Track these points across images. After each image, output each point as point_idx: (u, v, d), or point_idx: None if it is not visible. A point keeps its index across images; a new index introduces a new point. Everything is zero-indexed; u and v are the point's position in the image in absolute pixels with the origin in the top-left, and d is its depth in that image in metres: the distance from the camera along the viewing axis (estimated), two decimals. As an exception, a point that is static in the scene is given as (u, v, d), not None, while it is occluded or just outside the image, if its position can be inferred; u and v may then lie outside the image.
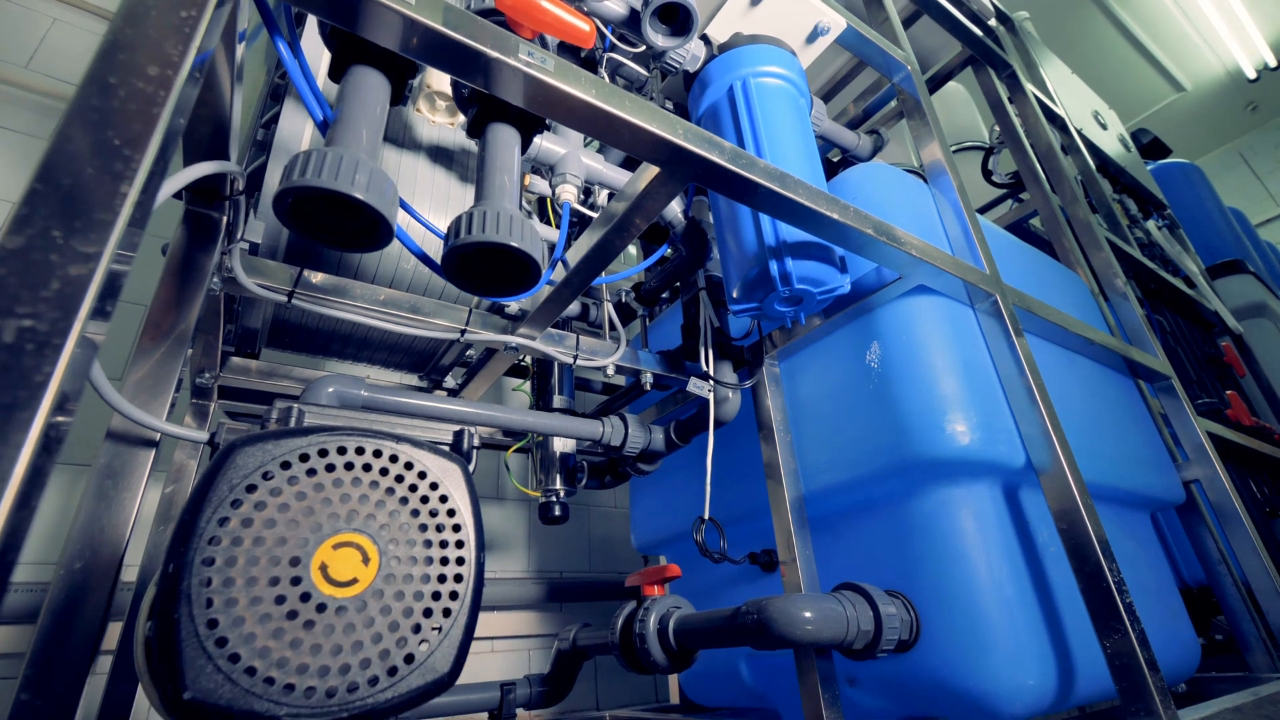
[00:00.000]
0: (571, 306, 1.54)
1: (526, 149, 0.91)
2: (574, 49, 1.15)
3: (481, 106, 0.86)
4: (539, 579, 2.31)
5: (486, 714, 1.22)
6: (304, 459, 0.57)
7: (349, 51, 0.76)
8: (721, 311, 1.38)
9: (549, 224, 1.39)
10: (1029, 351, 1.11)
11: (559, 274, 1.05)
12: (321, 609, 0.53)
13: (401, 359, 1.45)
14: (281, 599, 0.51)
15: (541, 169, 1.25)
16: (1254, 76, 5.99)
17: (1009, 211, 2.19)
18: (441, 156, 1.19)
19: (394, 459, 0.61)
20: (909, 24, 2.10)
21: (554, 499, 1.52)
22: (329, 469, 0.58)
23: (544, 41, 1.01)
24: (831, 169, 2.18)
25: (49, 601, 0.61)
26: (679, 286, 1.54)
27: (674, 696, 2.39)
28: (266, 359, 1.44)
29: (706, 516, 1.20)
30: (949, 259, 1.10)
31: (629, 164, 1.46)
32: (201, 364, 1.24)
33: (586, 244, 0.98)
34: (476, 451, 0.80)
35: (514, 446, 1.77)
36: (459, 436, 0.78)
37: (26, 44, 2.12)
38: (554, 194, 1.20)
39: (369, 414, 1.01)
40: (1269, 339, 2.67)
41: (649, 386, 1.36)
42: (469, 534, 0.62)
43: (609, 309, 1.41)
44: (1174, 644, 1.27)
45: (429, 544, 0.60)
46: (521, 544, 2.39)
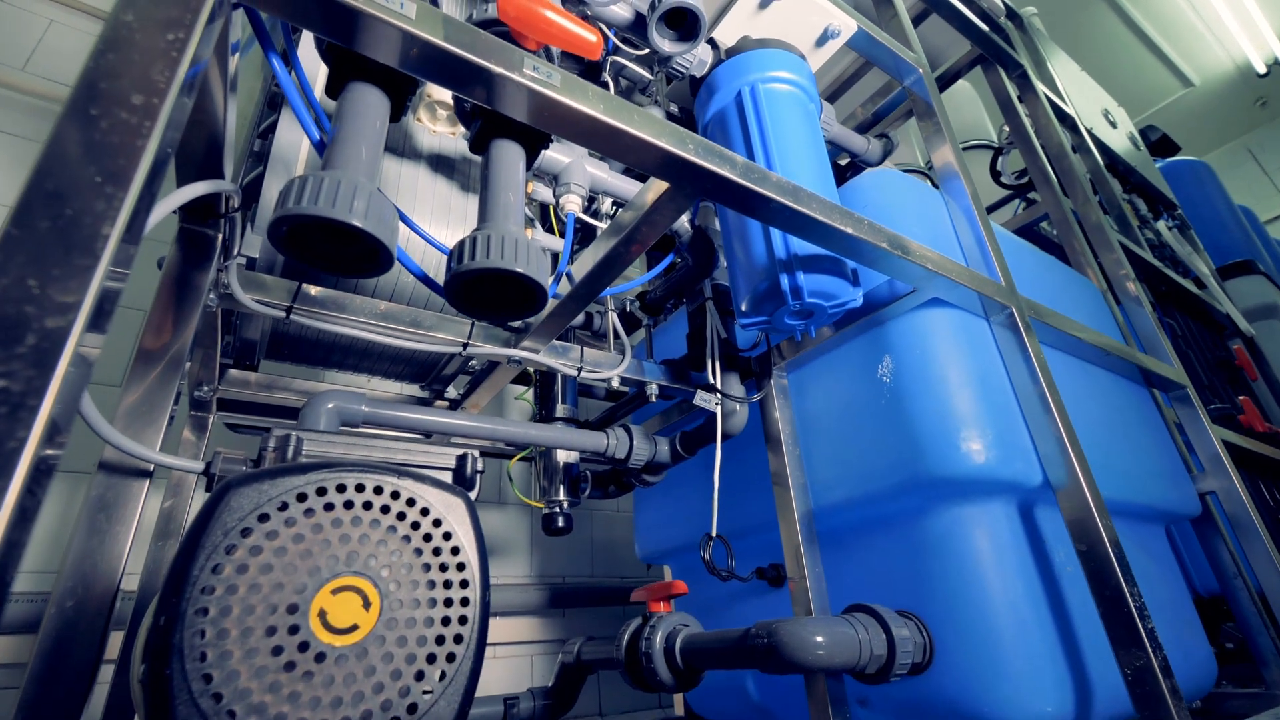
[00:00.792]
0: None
1: (532, 164, 0.88)
2: (577, 56, 1.12)
3: (484, 121, 0.84)
4: (541, 584, 2.29)
5: (490, 730, 1.20)
6: (301, 499, 0.55)
7: (346, 67, 0.73)
8: (728, 321, 1.36)
9: (552, 232, 1.36)
10: (1045, 365, 1.09)
11: (563, 287, 1.03)
12: (320, 659, 0.50)
13: (403, 370, 1.43)
14: (279, 650, 0.49)
15: (545, 177, 1.22)
16: (1264, 71, 5.91)
17: (1019, 215, 2.15)
18: (443, 166, 1.16)
19: (395, 495, 0.59)
20: (917, 23, 2.06)
21: (557, 510, 1.51)
22: (328, 508, 0.55)
23: (548, 52, 0.98)
24: (838, 171, 2.14)
25: (39, 642, 0.59)
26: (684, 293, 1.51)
27: (678, 708, 2.38)
28: (265, 371, 1.41)
29: (714, 534, 1.17)
30: (964, 271, 1.07)
31: (635, 172, 1.43)
32: (200, 377, 1.22)
33: (592, 258, 0.95)
34: (480, 475, 0.78)
35: (517, 456, 1.75)
36: (462, 463, 0.75)
37: (23, 46, 2.09)
38: (558, 204, 1.17)
39: (370, 432, 0.99)
40: (1282, 341, 2.62)
41: (654, 397, 1.33)
42: (473, 572, 0.60)
43: (614, 319, 1.38)
44: (1190, 661, 1.25)
45: (432, 584, 0.57)
46: (523, 549, 2.37)
